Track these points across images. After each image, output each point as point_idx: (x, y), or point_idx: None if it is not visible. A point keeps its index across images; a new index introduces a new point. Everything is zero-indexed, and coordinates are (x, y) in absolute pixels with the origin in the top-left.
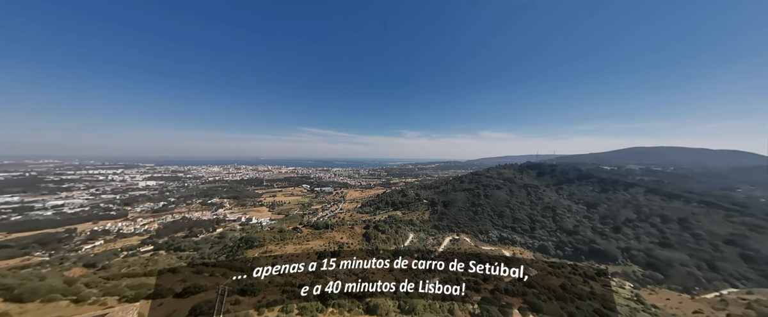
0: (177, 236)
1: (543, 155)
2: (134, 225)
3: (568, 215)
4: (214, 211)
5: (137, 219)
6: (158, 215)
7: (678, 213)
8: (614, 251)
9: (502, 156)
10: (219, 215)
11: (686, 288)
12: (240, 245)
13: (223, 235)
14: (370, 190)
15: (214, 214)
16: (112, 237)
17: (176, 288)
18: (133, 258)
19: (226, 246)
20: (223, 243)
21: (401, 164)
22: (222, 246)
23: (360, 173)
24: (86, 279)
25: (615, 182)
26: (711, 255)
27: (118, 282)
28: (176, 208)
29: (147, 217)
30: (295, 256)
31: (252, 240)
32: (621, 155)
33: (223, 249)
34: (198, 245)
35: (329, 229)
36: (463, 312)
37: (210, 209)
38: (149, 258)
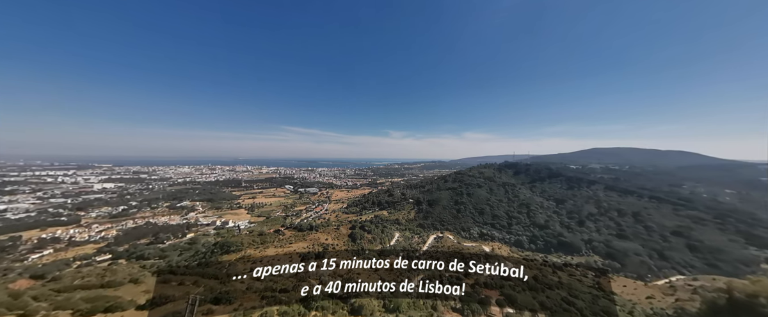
0: (140, 243)
1: (519, 155)
2: (89, 232)
3: (540, 211)
4: (184, 215)
5: (92, 226)
6: (117, 221)
7: (632, 208)
8: (579, 243)
9: (483, 156)
10: (190, 220)
11: (640, 276)
12: (214, 250)
13: (194, 241)
14: (357, 190)
15: (183, 218)
16: (62, 246)
17: (138, 299)
18: (88, 269)
19: (198, 253)
20: (195, 249)
21: (388, 163)
22: (193, 252)
23: (346, 173)
24: (34, 291)
25: (579, 179)
26: (661, 245)
27: (71, 295)
28: (139, 213)
29: (104, 223)
30: (276, 260)
31: (228, 245)
32: (584, 155)
33: (195, 255)
34: (165, 252)
35: (314, 230)
36: (445, 307)
37: (179, 213)
38: (107, 267)
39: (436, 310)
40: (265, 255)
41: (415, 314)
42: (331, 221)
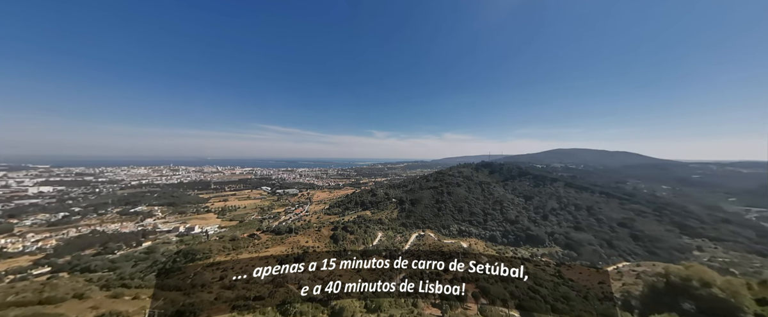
0: (85, 254)
1: (494, 155)
2: (23, 242)
3: (512, 208)
4: (139, 222)
5: (27, 235)
6: (57, 229)
7: (586, 202)
8: (543, 235)
9: (463, 156)
10: (146, 227)
11: (593, 263)
12: (177, 259)
13: (152, 249)
14: (340, 190)
15: (138, 225)
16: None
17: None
18: (24, 283)
19: (157, 262)
20: (153, 258)
21: (371, 163)
22: (150, 262)
23: (328, 173)
24: None
25: (544, 178)
26: (609, 235)
27: (4, 313)
28: (83, 220)
29: (41, 232)
30: (251, 265)
31: (193, 253)
32: (548, 156)
33: (153, 265)
34: (116, 263)
35: (293, 233)
36: (425, 303)
37: (133, 219)
38: (46, 282)
39: (416, 307)
40: (237, 261)
41: (396, 312)
42: (312, 223)
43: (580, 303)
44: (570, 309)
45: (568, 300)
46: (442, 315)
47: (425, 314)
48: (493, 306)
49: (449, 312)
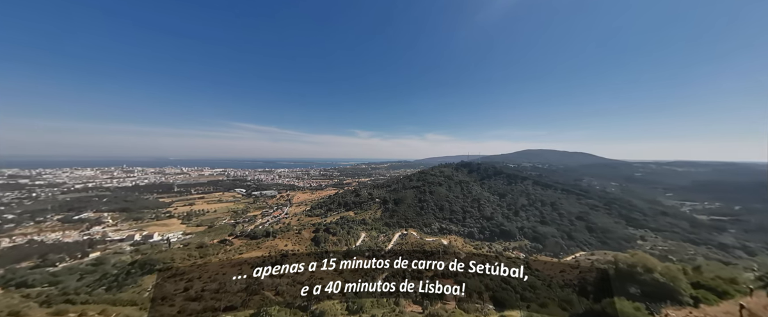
0: (20, 267)
1: (472, 156)
2: None
3: (488, 205)
4: (84, 230)
5: None
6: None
7: (550, 198)
8: (515, 230)
9: (444, 156)
10: (93, 235)
11: (555, 254)
12: (132, 271)
13: (101, 261)
14: (322, 191)
15: (84, 234)
16: None
17: None
18: None
19: (108, 275)
20: (103, 270)
21: (354, 163)
22: (100, 275)
23: (310, 173)
24: None
25: (515, 176)
26: (569, 228)
27: None
28: (18, 228)
29: None
30: (221, 274)
31: (152, 263)
32: (519, 156)
33: (102, 279)
34: (57, 277)
35: (271, 237)
36: (407, 301)
37: (77, 227)
38: None
39: (398, 305)
40: (205, 270)
41: (378, 312)
42: (291, 225)
43: (545, 291)
44: (536, 297)
45: (535, 289)
46: (422, 311)
47: (407, 312)
48: (470, 299)
49: (430, 308)
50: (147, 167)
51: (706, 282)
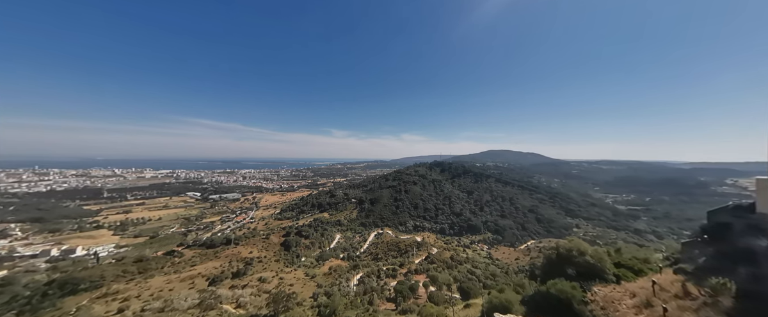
0: None
1: (445, 155)
2: None
3: (457, 202)
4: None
5: None
6: None
7: (509, 194)
8: (480, 224)
9: (418, 156)
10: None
11: (512, 244)
12: (49, 292)
13: (9, 280)
14: (293, 193)
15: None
16: None
17: None
18: None
19: (18, 298)
20: (12, 292)
21: (330, 163)
22: (8, 297)
23: (280, 174)
24: None
25: (481, 175)
26: (523, 220)
27: None
28: None
29: None
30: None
31: (75, 281)
32: (484, 156)
33: (12, 301)
34: None
35: (232, 244)
36: (380, 299)
37: None
38: None
39: (372, 304)
40: (146, 287)
41: (351, 314)
42: (258, 230)
43: (503, 278)
44: (496, 284)
45: (495, 276)
46: (396, 308)
47: (381, 310)
48: (439, 292)
49: (403, 304)
50: (67, 169)
51: (625, 262)
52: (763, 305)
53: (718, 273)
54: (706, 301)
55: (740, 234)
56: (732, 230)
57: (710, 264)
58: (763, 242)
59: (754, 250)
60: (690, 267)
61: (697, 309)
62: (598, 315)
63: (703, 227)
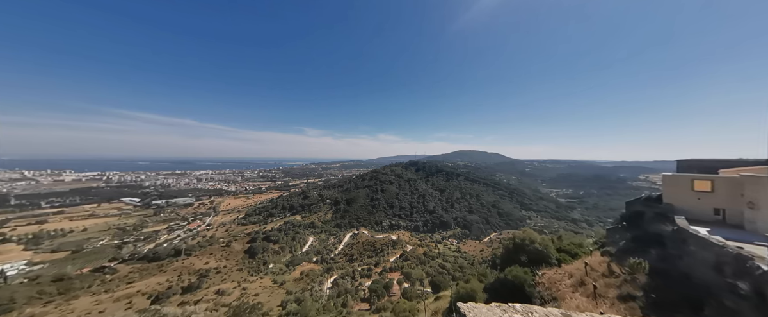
0: None
1: (419, 155)
2: None
3: (431, 200)
4: None
5: None
6: None
7: (476, 191)
8: (450, 220)
9: (395, 156)
10: None
11: (478, 237)
12: None
13: None
14: (261, 195)
15: None
16: None
17: None
18: None
19: None
20: None
21: (303, 163)
22: None
23: (245, 175)
24: None
25: (452, 173)
26: (487, 214)
27: None
28: None
29: None
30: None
31: None
32: (455, 156)
33: None
34: None
35: (183, 256)
36: (355, 300)
37: None
38: None
39: (346, 307)
40: (69, 310)
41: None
42: (216, 238)
43: (470, 269)
44: (463, 275)
45: (463, 269)
46: (370, 307)
47: (355, 311)
48: (413, 288)
49: (377, 303)
50: None
51: (564, 247)
52: (669, 280)
53: (635, 254)
54: (625, 278)
55: (650, 221)
56: (644, 218)
57: (628, 247)
58: (668, 227)
59: (662, 234)
60: (613, 250)
61: (619, 285)
62: (545, 294)
63: (623, 215)
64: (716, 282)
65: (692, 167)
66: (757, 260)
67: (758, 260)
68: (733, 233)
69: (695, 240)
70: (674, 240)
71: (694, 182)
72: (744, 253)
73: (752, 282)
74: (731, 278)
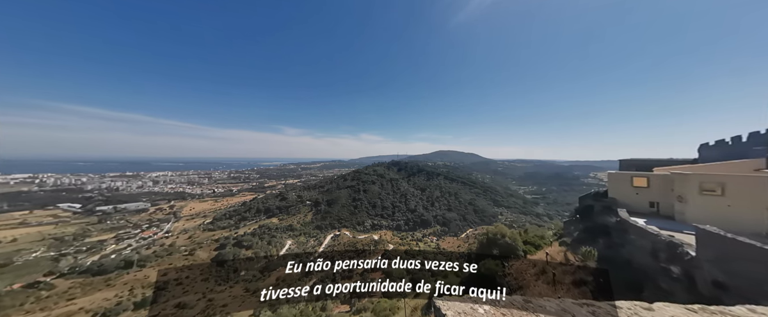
0: None
1: (401, 155)
2: None
3: (412, 199)
4: None
5: None
6: None
7: (454, 190)
8: (431, 219)
9: (377, 155)
10: None
11: (456, 234)
12: None
13: None
14: (232, 198)
15: None
16: None
17: None
18: None
19: None
20: None
21: (281, 163)
22: None
23: (214, 176)
24: None
25: (432, 173)
26: (464, 211)
27: None
28: None
29: None
30: None
31: None
32: (436, 155)
33: None
34: None
35: (135, 268)
36: (334, 303)
37: None
38: None
39: (325, 310)
40: None
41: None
42: (177, 246)
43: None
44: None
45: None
46: (350, 309)
47: (334, 314)
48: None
49: (358, 304)
50: None
51: (529, 240)
52: (614, 266)
53: (586, 244)
54: (579, 265)
55: (599, 214)
56: (594, 211)
57: (581, 237)
58: (613, 219)
59: (608, 225)
60: (569, 240)
61: (574, 272)
62: (513, 284)
63: (576, 209)
64: (653, 267)
65: (632, 165)
66: (685, 246)
67: (687, 246)
68: (665, 223)
69: (635, 229)
70: (618, 230)
71: (633, 179)
72: (675, 241)
73: (682, 266)
74: (665, 263)
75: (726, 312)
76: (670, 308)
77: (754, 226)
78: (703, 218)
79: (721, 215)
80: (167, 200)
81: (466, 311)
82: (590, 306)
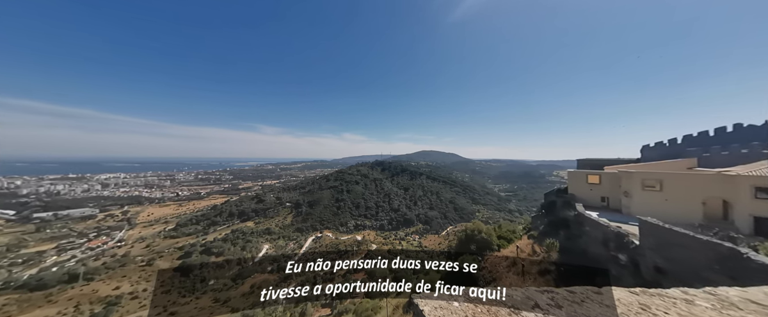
0: None
1: (385, 155)
2: None
3: (396, 198)
4: None
5: None
6: None
7: (436, 189)
8: (414, 217)
9: (361, 155)
10: None
11: (437, 232)
12: None
13: None
14: (200, 201)
15: None
16: None
17: None
18: None
19: None
20: None
21: (258, 164)
22: None
23: (178, 178)
24: None
25: (415, 172)
26: (445, 209)
27: None
28: None
29: None
30: None
31: None
32: (418, 155)
33: None
34: None
35: (81, 281)
36: (315, 307)
37: None
38: None
39: (305, 314)
40: None
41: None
42: (132, 256)
43: (429, 262)
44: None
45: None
46: (331, 312)
47: None
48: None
49: (339, 306)
50: None
51: (503, 234)
52: (573, 255)
53: (550, 236)
54: (544, 256)
55: (560, 208)
56: (556, 206)
57: (546, 230)
58: (571, 213)
59: (568, 219)
60: (536, 233)
61: (540, 262)
62: (487, 277)
63: (542, 205)
64: (604, 255)
65: (587, 164)
66: (631, 236)
67: (632, 236)
68: (614, 216)
69: (589, 222)
70: (576, 222)
71: (588, 177)
72: (622, 231)
73: (628, 254)
74: (614, 251)
75: (663, 294)
76: (617, 291)
77: (687, 217)
78: (645, 210)
79: (660, 208)
80: (120, 205)
81: (442, 306)
82: (550, 293)
